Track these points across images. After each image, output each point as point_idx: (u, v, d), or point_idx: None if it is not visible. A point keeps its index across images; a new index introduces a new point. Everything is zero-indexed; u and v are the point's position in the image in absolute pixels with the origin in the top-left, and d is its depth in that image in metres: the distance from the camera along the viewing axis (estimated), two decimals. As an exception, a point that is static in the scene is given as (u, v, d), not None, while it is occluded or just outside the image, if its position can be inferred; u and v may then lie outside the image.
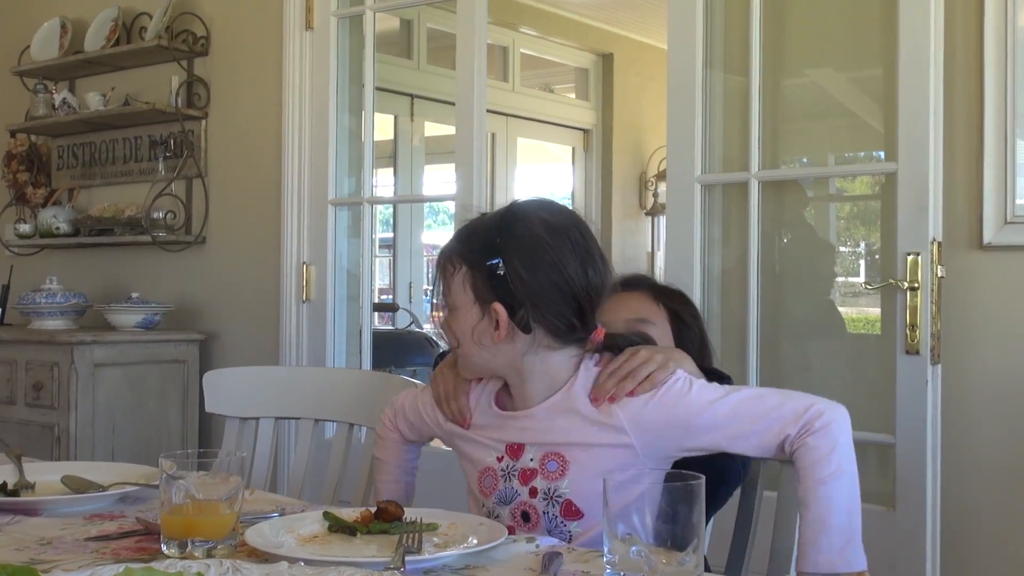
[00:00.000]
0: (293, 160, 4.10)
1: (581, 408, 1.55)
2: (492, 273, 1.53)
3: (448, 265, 1.58)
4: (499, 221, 1.57)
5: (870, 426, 2.89)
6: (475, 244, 1.56)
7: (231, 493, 1.37)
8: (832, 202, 3.36)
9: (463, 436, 1.67)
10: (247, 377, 2.34)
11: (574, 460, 1.55)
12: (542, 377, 1.58)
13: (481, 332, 1.55)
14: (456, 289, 1.56)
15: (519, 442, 1.60)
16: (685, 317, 1.91)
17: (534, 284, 1.52)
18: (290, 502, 1.77)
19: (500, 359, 1.57)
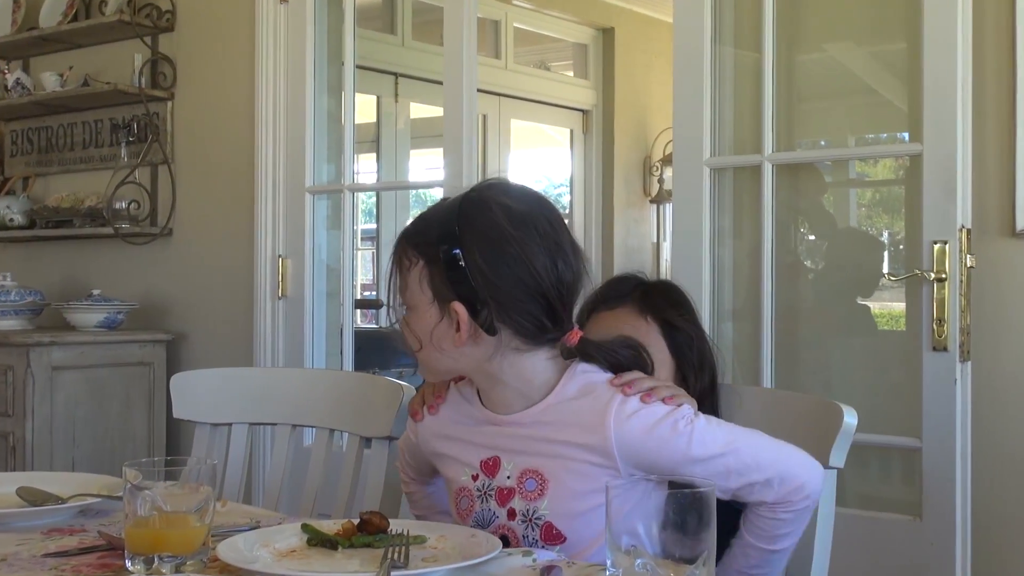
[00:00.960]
0: (267, 145, 4.10)
1: (571, 418, 1.52)
2: (451, 268, 1.49)
3: (403, 259, 1.53)
4: (458, 209, 1.52)
5: (894, 429, 2.89)
6: (431, 235, 1.51)
7: (201, 504, 1.37)
8: (852, 187, 3.36)
9: (440, 454, 1.66)
10: (218, 380, 2.34)
11: (553, 478, 1.52)
12: (515, 382, 1.55)
13: (441, 334, 1.51)
14: (413, 286, 1.52)
15: (494, 455, 1.58)
16: (676, 321, 1.89)
17: (497, 280, 1.49)
18: (266, 514, 1.77)
19: (464, 363, 1.54)
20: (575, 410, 1.52)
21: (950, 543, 2.78)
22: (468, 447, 1.61)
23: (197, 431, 2.27)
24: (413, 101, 6.67)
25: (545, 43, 7.15)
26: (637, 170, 6.97)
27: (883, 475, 3.10)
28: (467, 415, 1.63)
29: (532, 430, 1.55)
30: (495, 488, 1.56)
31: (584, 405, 1.52)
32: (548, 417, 1.54)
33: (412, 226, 1.56)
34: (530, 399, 1.55)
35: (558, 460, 1.52)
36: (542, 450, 1.54)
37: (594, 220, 6.70)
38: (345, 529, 1.47)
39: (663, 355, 1.86)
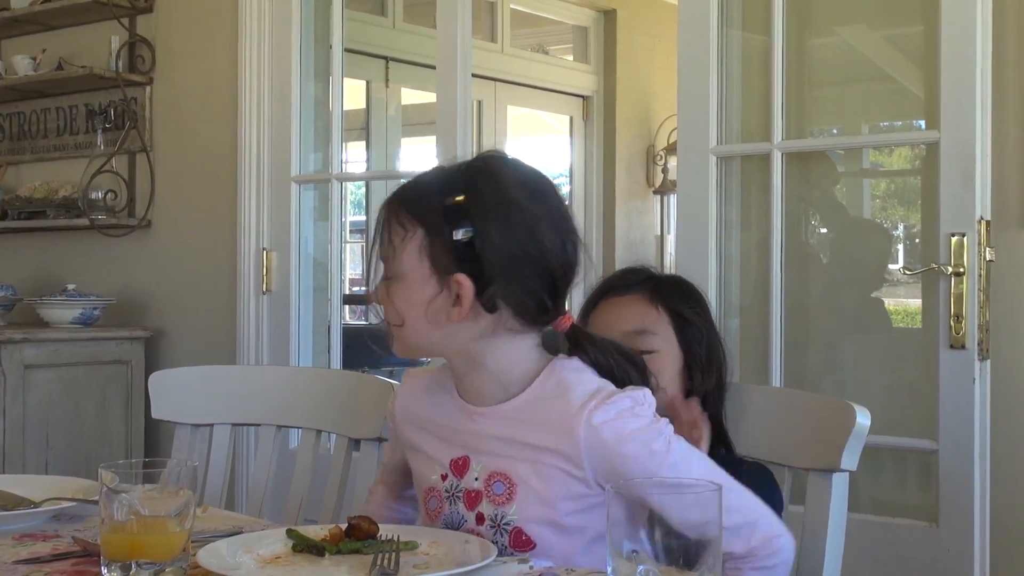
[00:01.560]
0: (251, 132, 4.10)
1: (544, 418, 1.50)
2: (455, 239, 1.47)
3: (397, 226, 1.50)
4: (466, 175, 1.51)
5: (909, 431, 2.90)
6: (434, 201, 1.49)
7: (181, 508, 1.37)
8: (866, 177, 3.36)
9: (414, 446, 1.65)
10: (199, 378, 2.35)
11: (522, 483, 1.51)
12: (496, 369, 1.54)
13: (437, 309, 1.49)
14: (408, 256, 1.49)
15: (464, 454, 1.57)
16: (688, 315, 1.90)
17: (507, 254, 1.48)
18: (249, 520, 1.77)
19: (452, 342, 1.52)
20: (548, 409, 1.50)
21: (967, 550, 2.78)
22: (440, 444, 1.60)
23: (177, 432, 2.27)
24: (404, 86, 6.67)
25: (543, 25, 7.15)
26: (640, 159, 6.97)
27: (897, 479, 3.10)
28: (445, 403, 1.61)
29: (503, 427, 1.53)
30: (463, 490, 1.55)
31: (557, 406, 1.50)
32: (522, 415, 1.52)
33: (407, 191, 1.53)
34: (507, 391, 1.54)
35: (526, 463, 1.51)
36: (511, 452, 1.52)
37: (595, 212, 6.70)
38: (332, 535, 1.47)
39: (672, 348, 1.87)
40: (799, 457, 1.76)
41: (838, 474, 1.68)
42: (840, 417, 1.68)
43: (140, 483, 1.38)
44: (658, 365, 1.85)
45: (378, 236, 1.53)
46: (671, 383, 1.86)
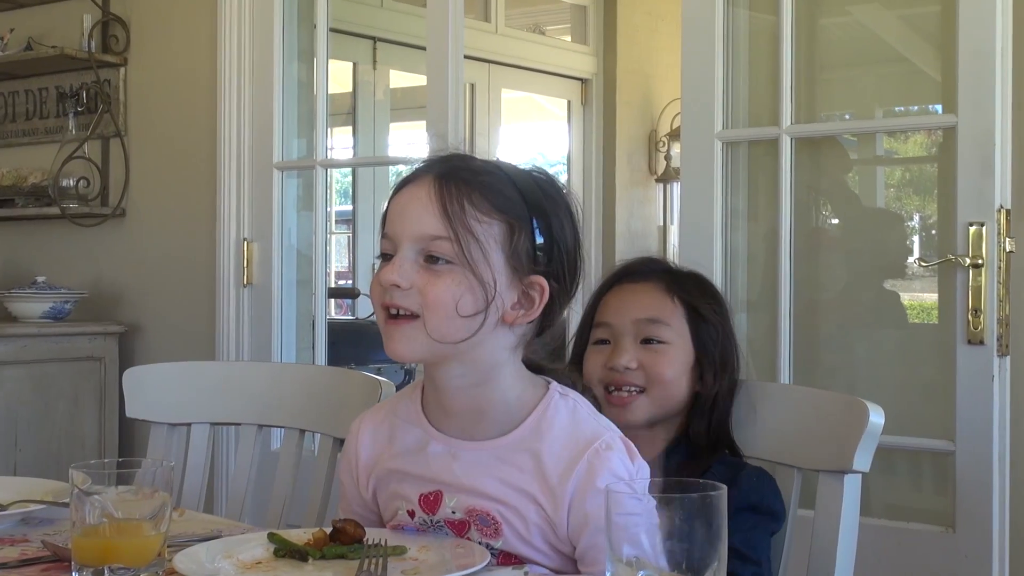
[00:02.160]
0: (231, 116, 4.09)
1: (545, 455, 1.47)
2: (533, 237, 1.46)
3: (471, 208, 1.44)
4: (538, 173, 1.51)
5: (925, 431, 2.90)
6: (514, 195, 1.46)
7: (157, 511, 1.36)
8: (880, 165, 3.36)
9: (376, 488, 1.60)
10: (177, 375, 2.34)
11: (507, 522, 1.48)
12: (501, 396, 1.49)
13: (498, 307, 1.44)
14: (482, 246, 1.43)
15: (436, 489, 1.52)
16: (704, 311, 1.91)
17: (574, 263, 1.50)
18: (228, 524, 1.77)
19: (479, 351, 1.47)
20: (547, 452, 1.47)
21: (986, 556, 2.79)
22: (406, 479, 1.55)
23: (152, 432, 2.27)
24: (393, 68, 6.66)
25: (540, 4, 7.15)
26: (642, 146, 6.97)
27: (912, 481, 3.10)
28: (414, 441, 1.56)
29: (490, 466, 1.49)
30: (441, 521, 1.52)
31: (555, 451, 1.47)
32: (528, 445, 1.48)
33: (477, 174, 1.47)
34: (499, 424, 1.50)
35: (509, 509, 1.48)
36: (496, 493, 1.49)
37: (594, 202, 6.69)
38: (316, 539, 1.47)
39: (683, 342, 1.87)
40: (809, 458, 1.76)
41: (850, 475, 1.67)
42: (852, 415, 1.68)
43: (113, 484, 1.37)
44: (667, 358, 1.86)
45: (444, 217, 1.44)
46: (678, 379, 1.86)
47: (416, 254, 1.43)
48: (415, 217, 1.44)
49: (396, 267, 1.43)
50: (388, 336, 1.46)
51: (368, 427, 1.63)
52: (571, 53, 6.95)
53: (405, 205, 1.46)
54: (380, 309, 1.47)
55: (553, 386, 1.52)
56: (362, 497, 1.63)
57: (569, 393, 1.53)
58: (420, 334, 1.43)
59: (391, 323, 1.45)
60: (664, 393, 1.85)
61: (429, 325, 1.43)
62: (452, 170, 1.47)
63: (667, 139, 6.87)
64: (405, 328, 1.44)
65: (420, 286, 1.42)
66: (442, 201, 1.43)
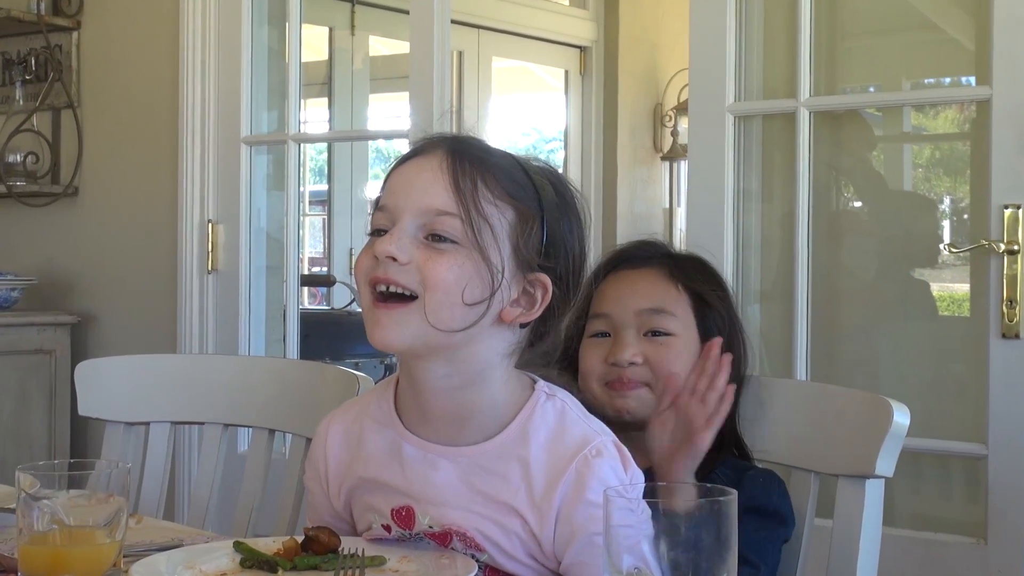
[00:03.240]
0: (194, 86, 4.09)
1: (531, 464, 1.46)
2: (542, 232, 1.46)
3: (485, 190, 1.43)
4: (550, 169, 1.52)
5: (955, 433, 2.91)
6: (526, 183, 1.47)
7: (112, 518, 1.37)
8: (907, 142, 3.37)
9: (348, 495, 1.59)
10: (134, 369, 2.34)
11: (488, 540, 1.48)
12: (489, 399, 1.48)
13: (501, 299, 1.44)
14: (493, 230, 1.42)
15: (406, 504, 1.50)
16: (710, 298, 1.91)
17: (578, 269, 1.50)
18: (191, 532, 1.77)
19: (477, 348, 1.46)
20: (533, 459, 1.46)
21: (1021, 570, 2.79)
22: (378, 489, 1.54)
23: (108, 431, 2.27)
24: (373, 34, 6.65)
25: (535, -36, 7.14)
26: (646, 120, 6.97)
27: (941, 488, 3.11)
28: (386, 444, 1.55)
29: (470, 477, 1.48)
30: (421, 534, 1.51)
31: (542, 458, 1.46)
32: (516, 451, 1.47)
33: (490, 155, 1.47)
34: (482, 429, 1.49)
35: (491, 524, 1.48)
36: (475, 508, 1.48)
37: (593, 182, 6.69)
38: (287, 548, 1.47)
39: (690, 333, 1.87)
40: (827, 461, 1.76)
41: (872, 481, 1.68)
42: (875, 415, 1.68)
43: (64, 488, 1.38)
44: (674, 352, 1.85)
45: (426, 182, 1.43)
46: (684, 372, 1.86)
47: (417, 229, 1.41)
48: (422, 188, 1.42)
49: (394, 238, 1.40)
50: (375, 320, 1.42)
51: (337, 429, 1.62)
52: (569, 18, 6.94)
53: (411, 176, 1.45)
54: (367, 288, 1.43)
55: (539, 385, 1.51)
56: (333, 507, 1.62)
57: (557, 393, 1.51)
58: (415, 319, 1.40)
59: (381, 305, 1.41)
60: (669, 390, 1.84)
61: (428, 308, 1.40)
62: (465, 147, 1.46)
63: (674, 113, 6.87)
64: (398, 311, 1.41)
65: (420, 263, 1.40)
66: (454, 175, 1.42)
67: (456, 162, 1.43)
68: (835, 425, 1.77)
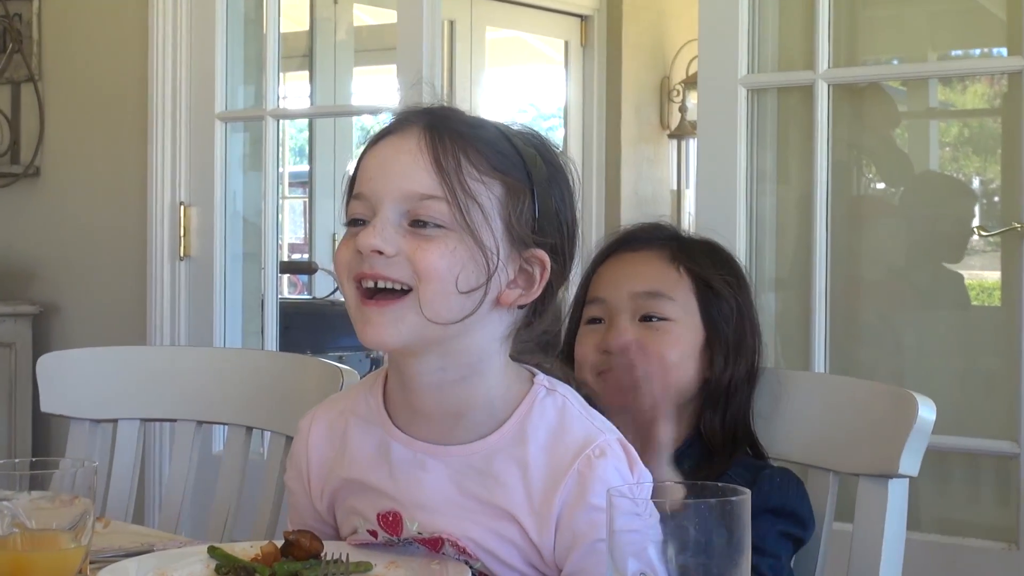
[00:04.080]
0: (165, 58, 4.08)
1: (529, 465, 1.46)
2: (533, 204, 1.45)
3: (469, 167, 1.42)
4: (532, 134, 1.51)
5: (985, 430, 2.91)
6: (513, 154, 1.46)
7: (77, 521, 1.37)
8: (933, 119, 3.37)
9: (332, 497, 1.60)
10: (101, 362, 2.34)
11: (482, 548, 1.48)
12: (487, 391, 1.48)
13: (496, 283, 1.43)
14: (483, 209, 1.42)
15: (393, 508, 1.51)
16: (715, 283, 1.90)
17: (572, 238, 1.50)
18: (162, 537, 1.78)
19: (473, 339, 1.46)
20: (535, 462, 1.46)
21: (1055, 579, 2.80)
22: (364, 491, 1.55)
23: (72, 429, 2.27)
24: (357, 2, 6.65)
25: (532, -73, 7.13)
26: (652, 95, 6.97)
27: (970, 490, 3.11)
28: (373, 443, 1.55)
29: (463, 480, 1.48)
30: (410, 539, 1.51)
31: (542, 459, 1.46)
32: (492, 466, 1.47)
33: (471, 127, 1.46)
34: (477, 427, 1.48)
35: (484, 531, 1.48)
36: (467, 516, 1.48)
37: (595, 162, 6.69)
38: (265, 553, 1.47)
39: (690, 319, 1.87)
40: (847, 459, 1.76)
41: (896, 481, 1.68)
42: (898, 410, 1.68)
43: (26, 489, 1.38)
44: (669, 337, 1.85)
45: (405, 165, 1.42)
46: (683, 362, 1.85)
47: (400, 217, 1.40)
48: (401, 172, 1.42)
49: (378, 229, 1.39)
50: (366, 319, 1.41)
51: (320, 426, 1.62)
52: (569, -15, 6.94)
53: (388, 158, 1.44)
54: (351, 284, 1.42)
55: (538, 379, 1.51)
56: (315, 509, 1.63)
57: (557, 387, 1.51)
58: (410, 314, 1.40)
59: (371, 303, 1.41)
60: (666, 379, 1.83)
61: (424, 301, 1.39)
62: (443, 120, 1.45)
63: (682, 87, 6.87)
64: (392, 308, 1.40)
65: (409, 253, 1.39)
66: (435, 154, 1.41)
67: (436, 139, 1.42)
68: (855, 421, 1.77)
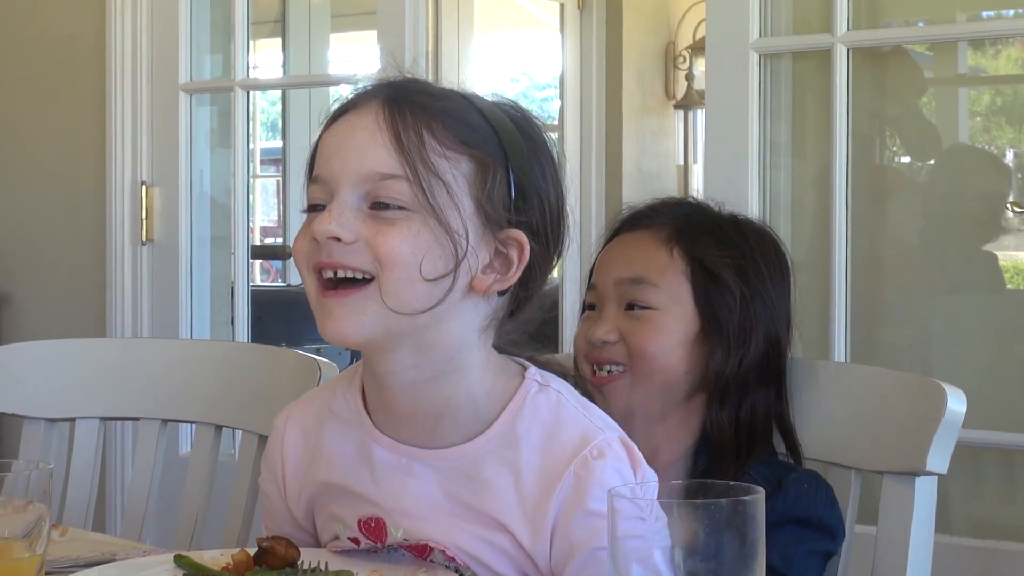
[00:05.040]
0: (123, 23, 4.08)
1: (521, 467, 1.46)
2: (508, 181, 1.45)
3: (432, 141, 1.43)
4: (509, 106, 1.51)
5: (1020, 424, 2.91)
6: (483, 126, 1.46)
7: (31, 527, 1.37)
8: (963, 86, 3.37)
9: (309, 501, 1.61)
10: (57, 356, 2.34)
11: (472, 558, 1.49)
12: (472, 387, 1.48)
13: (470, 267, 1.43)
14: (448, 188, 1.42)
15: (375, 514, 1.52)
16: (716, 267, 1.88)
17: (556, 218, 1.50)
18: (125, 545, 1.78)
19: (446, 331, 1.46)
20: (528, 464, 1.47)
21: (1096, 585, 2.81)
22: (343, 496, 1.55)
23: (26, 429, 2.27)
24: (334, -37, 6.65)
25: None
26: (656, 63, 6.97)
27: (1004, 489, 3.12)
28: (348, 444, 1.56)
29: (451, 485, 1.49)
30: (396, 545, 1.52)
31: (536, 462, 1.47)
32: (481, 470, 1.48)
33: (435, 98, 1.47)
34: (464, 428, 1.49)
35: (474, 540, 1.49)
36: (455, 523, 1.49)
37: (595, 135, 6.69)
38: (237, 562, 1.47)
39: (680, 308, 1.85)
40: (869, 456, 1.77)
41: (923, 479, 1.68)
42: (926, 401, 1.69)
43: (-25, 494, 1.38)
44: (652, 328, 1.84)
45: (362, 143, 1.43)
46: (664, 355, 1.84)
47: (359, 200, 1.41)
48: (359, 151, 1.43)
49: (334, 215, 1.40)
50: (326, 312, 1.42)
51: (296, 424, 1.63)
52: (565, -58, 6.94)
53: (344, 138, 1.45)
54: (311, 275, 1.43)
55: (530, 374, 1.52)
56: (291, 514, 1.63)
57: (551, 382, 1.52)
58: (372, 304, 1.40)
59: (330, 294, 1.41)
60: (648, 373, 1.83)
61: (385, 290, 1.40)
62: (403, 93, 1.46)
63: (689, 53, 6.88)
64: (352, 298, 1.41)
65: (369, 238, 1.40)
66: (394, 130, 1.42)
67: (395, 113, 1.43)
68: (879, 414, 1.77)
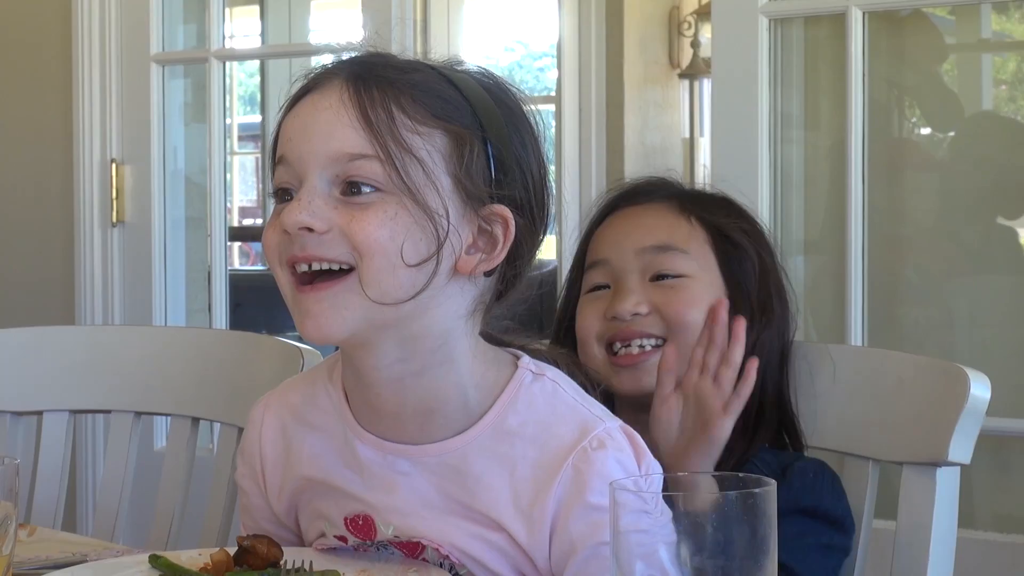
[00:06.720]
0: (92, -10, 4.08)
1: (516, 461, 1.47)
2: (487, 154, 1.45)
3: (401, 115, 1.43)
4: (483, 75, 1.51)
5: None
6: (452, 96, 1.46)
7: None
8: (986, 52, 3.37)
9: (291, 497, 1.61)
10: (23, 344, 2.35)
11: (467, 556, 1.49)
12: (461, 377, 1.49)
13: (452, 254, 1.44)
14: (423, 165, 1.42)
15: (363, 512, 1.52)
16: (734, 234, 1.91)
17: (541, 191, 1.50)
18: (96, 545, 1.78)
19: (432, 319, 1.46)
20: (523, 458, 1.48)
21: None
22: (328, 492, 1.56)
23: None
24: (316, -76, 6.65)
25: None
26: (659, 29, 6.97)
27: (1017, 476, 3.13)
28: (330, 437, 1.56)
29: (441, 481, 1.50)
30: (385, 542, 1.53)
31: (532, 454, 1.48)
32: (473, 465, 1.49)
33: (401, 70, 1.47)
34: (453, 422, 1.49)
35: (468, 538, 1.50)
36: (447, 522, 1.50)
37: (594, 107, 6.67)
38: (216, 562, 1.47)
39: (709, 275, 1.88)
40: (888, 446, 1.77)
41: (945, 469, 1.69)
42: (948, 388, 1.69)
43: (-64, 492, 1.38)
44: (688, 295, 1.86)
45: (328, 123, 1.43)
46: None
47: (329, 184, 1.41)
48: (325, 131, 1.42)
49: (304, 203, 1.40)
50: (304, 311, 1.42)
51: (275, 415, 1.63)
52: (561, -99, 6.93)
53: (308, 118, 1.44)
54: (284, 271, 1.43)
55: (523, 363, 1.52)
56: (273, 511, 1.64)
57: (546, 371, 1.52)
58: (353, 297, 1.40)
59: (307, 289, 1.41)
60: (691, 344, 1.83)
61: (366, 280, 1.40)
62: (368, 68, 1.46)
63: (694, 19, 6.87)
64: (331, 292, 1.41)
65: (344, 225, 1.39)
66: (360, 107, 1.42)
67: (361, 89, 1.43)
68: (897, 401, 1.78)
